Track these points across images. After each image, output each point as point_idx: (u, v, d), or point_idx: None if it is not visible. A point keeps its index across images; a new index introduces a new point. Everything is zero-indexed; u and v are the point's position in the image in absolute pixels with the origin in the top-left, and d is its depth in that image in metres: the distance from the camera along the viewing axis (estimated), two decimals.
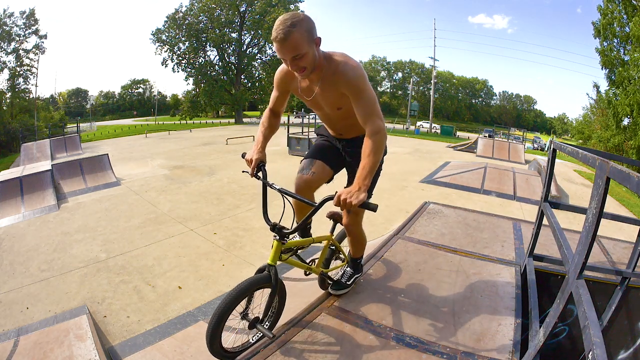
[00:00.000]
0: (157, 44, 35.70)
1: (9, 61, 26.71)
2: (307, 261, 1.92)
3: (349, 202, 1.36)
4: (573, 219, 5.12)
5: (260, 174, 1.77)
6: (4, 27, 25.74)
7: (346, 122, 1.76)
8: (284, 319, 1.80)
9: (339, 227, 2.14)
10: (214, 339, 1.45)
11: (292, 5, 37.72)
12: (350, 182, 1.88)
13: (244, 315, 1.58)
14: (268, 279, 1.53)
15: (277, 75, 1.71)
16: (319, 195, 1.85)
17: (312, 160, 1.93)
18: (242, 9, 36.74)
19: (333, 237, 2.06)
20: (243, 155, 1.80)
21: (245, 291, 1.50)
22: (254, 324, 1.56)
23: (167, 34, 35.80)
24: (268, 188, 1.75)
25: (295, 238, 1.85)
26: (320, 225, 2.18)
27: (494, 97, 60.07)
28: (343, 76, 1.49)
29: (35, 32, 27.58)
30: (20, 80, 27.50)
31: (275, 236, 1.60)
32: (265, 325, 1.61)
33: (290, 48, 1.35)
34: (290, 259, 1.74)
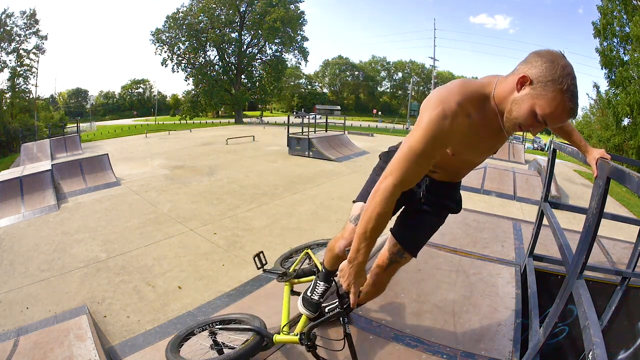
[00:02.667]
0: (157, 44, 35.75)
1: (9, 61, 26.73)
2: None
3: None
4: (573, 219, 5.11)
5: None
6: (5, 27, 25.71)
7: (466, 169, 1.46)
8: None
9: None
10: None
11: (292, 5, 37.74)
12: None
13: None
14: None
15: (445, 131, 1.06)
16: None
17: None
18: (242, 9, 36.76)
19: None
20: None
21: None
22: None
23: (167, 34, 35.83)
24: None
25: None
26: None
27: None
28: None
29: (36, 33, 27.59)
30: (21, 80, 27.50)
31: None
32: None
33: None
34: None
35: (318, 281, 1.72)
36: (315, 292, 1.69)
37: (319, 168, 11.57)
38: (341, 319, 1.40)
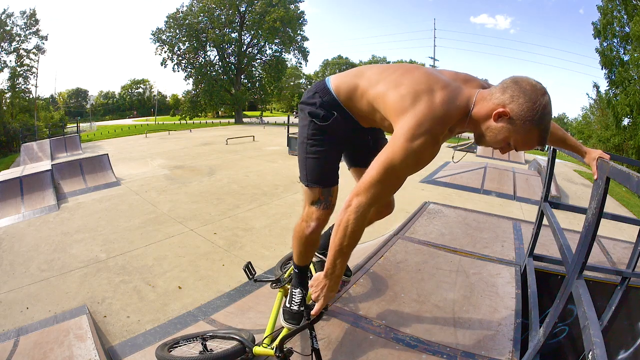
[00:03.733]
0: (157, 44, 35.73)
1: (9, 61, 26.74)
2: None
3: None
4: (573, 218, 5.11)
5: None
6: (5, 27, 25.72)
7: None
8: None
9: None
10: None
11: (292, 5, 37.73)
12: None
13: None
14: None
15: (430, 149, 1.08)
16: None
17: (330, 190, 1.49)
18: (242, 9, 36.75)
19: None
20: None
21: None
22: None
23: (167, 34, 35.82)
24: None
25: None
26: None
27: None
28: None
29: (36, 33, 27.59)
30: (21, 80, 27.50)
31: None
32: None
33: None
34: None
35: (293, 289, 1.64)
36: (293, 302, 1.62)
37: None
38: (309, 331, 1.34)
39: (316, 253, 1.81)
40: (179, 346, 1.70)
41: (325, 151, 1.40)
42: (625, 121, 18.43)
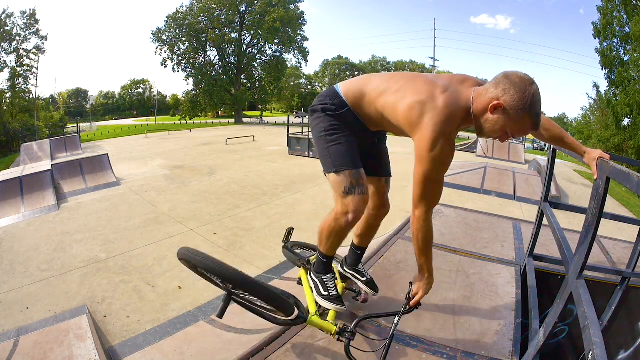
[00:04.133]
0: (157, 44, 35.75)
1: (9, 61, 26.74)
2: None
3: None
4: (573, 218, 5.11)
5: None
6: (5, 27, 25.72)
7: None
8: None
9: None
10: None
11: (292, 5, 37.74)
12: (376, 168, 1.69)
13: None
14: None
15: (449, 151, 1.26)
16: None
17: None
18: (242, 9, 36.76)
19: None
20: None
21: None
22: None
23: (167, 34, 35.83)
24: None
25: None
26: None
27: None
28: None
29: (36, 33, 27.59)
30: (21, 80, 27.50)
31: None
32: None
33: None
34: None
35: (322, 276, 1.69)
36: (329, 288, 1.68)
37: (319, 168, 11.51)
38: (395, 318, 1.48)
39: (347, 269, 1.89)
40: None
41: (345, 136, 1.50)
42: (625, 121, 18.43)
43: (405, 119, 1.29)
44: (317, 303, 1.65)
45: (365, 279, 1.85)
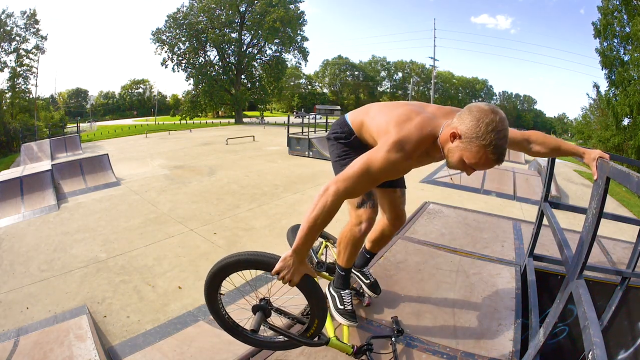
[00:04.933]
0: (157, 44, 35.75)
1: (9, 61, 26.74)
2: None
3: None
4: (573, 219, 5.11)
5: None
6: (5, 27, 25.72)
7: None
8: (283, 318, 1.79)
9: None
10: None
11: (292, 5, 37.74)
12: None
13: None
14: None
15: (397, 169, 1.28)
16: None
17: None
18: (242, 9, 36.77)
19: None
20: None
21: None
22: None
23: (167, 34, 35.84)
24: None
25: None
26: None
27: (494, 97, 60.18)
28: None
29: (36, 33, 27.60)
30: (21, 80, 27.50)
31: None
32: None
33: None
34: None
35: (341, 291, 1.77)
36: (345, 302, 1.75)
37: (319, 168, 11.57)
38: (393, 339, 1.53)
39: (353, 270, 1.94)
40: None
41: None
42: (625, 121, 18.41)
43: (378, 131, 1.40)
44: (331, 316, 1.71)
45: (369, 281, 1.92)
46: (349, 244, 1.67)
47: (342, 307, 1.74)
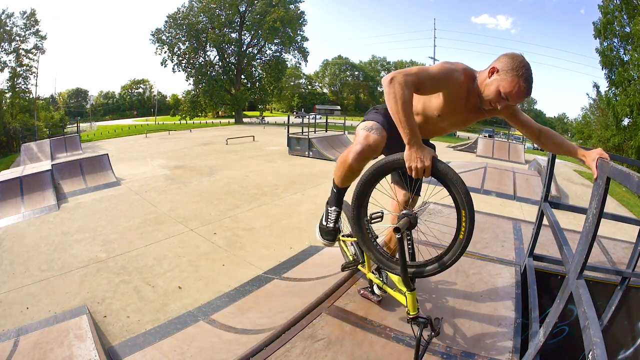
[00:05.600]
0: (157, 44, 35.73)
1: (9, 61, 26.72)
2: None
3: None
4: (573, 218, 5.11)
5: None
6: (5, 27, 25.71)
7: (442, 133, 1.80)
8: (283, 318, 1.79)
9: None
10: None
11: (292, 6, 37.73)
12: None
13: None
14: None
15: (452, 77, 1.48)
16: None
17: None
18: (242, 9, 36.75)
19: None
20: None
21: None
22: None
23: (167, 34, 35.83)
24: None
25: None
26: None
27: None
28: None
29: (36, 33, 27.58)
30: (20, 80, 27.49)
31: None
32: None
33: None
34: None
35: (329, 207, 1.85)
36: (329, 220, 1.84)
37: (319, 168, 11.57)
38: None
39: (373, 270, 1.93)
40: None
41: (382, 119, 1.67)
42: (625, 121, 18.41)
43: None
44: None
45: (381, 280, 1.91)
46: (341, 165, 1.67)
47: (324, 224, 1.86)
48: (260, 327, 2.12)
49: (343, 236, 2.04)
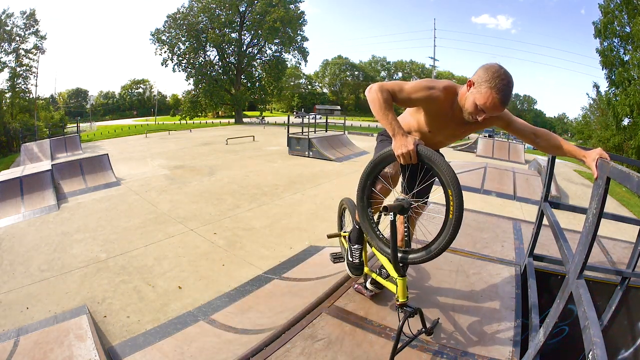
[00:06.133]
0: (157, 44, 35.72)
1: (9, 61, 26.71)
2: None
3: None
4: (573, 218, 5.11)
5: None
6: (4, 27, 25.71)
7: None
8: (283, 318, 1.79)
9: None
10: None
11: (292, 6, 37.72)
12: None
13: None
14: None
15: (428, 94, 1.56)
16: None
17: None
18: (242, 9, 36.74)
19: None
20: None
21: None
22: None
23: (167, 34, 35.82)
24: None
25: None
26: None
27: None
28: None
29: (36, 33, 27.57)
30: (20, 80, 27.48)
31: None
32: None
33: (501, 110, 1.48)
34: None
35: (352, 245, 2.00)
36: (354, 256, 2.00)
37: (319, 168, 11.57)
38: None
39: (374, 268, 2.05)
40: None
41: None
42: (625, 121, 18.41)
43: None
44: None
45: (376, 273, 1.97)
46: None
47: (350, 260, 2.01)
48: (260, 327, 2.12)
49: (344, 232, 2.22)
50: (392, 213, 1.52)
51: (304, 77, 60.42)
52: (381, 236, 1.71)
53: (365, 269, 2.00)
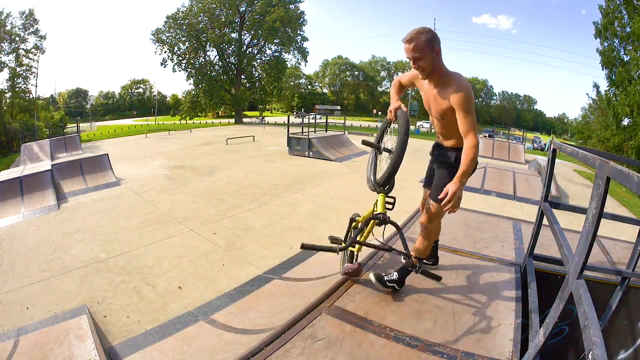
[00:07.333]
0: (157, 44, 35.67)
1: (9, 61, 26.70)
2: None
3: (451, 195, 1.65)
4: (573, 218, 5.11)
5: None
6: (4, 28, 25.70)
7: (445, 131, 2.06)
8: (283, 318, 1.79)
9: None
10: None
11: (292, 6, 37.70)
12: (428, 184, 2.24)
13: None
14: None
15: (413, 74, 2.07)
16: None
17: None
18: (242, 9, 36.71)
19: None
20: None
21: None
22: None
23: (167, 34, 35.78)
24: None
25: None
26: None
27: (494, 97, 60.18)
28: (454, 92, 1.81)
29: (35, 33, 27.56)
30: (20, 80, 27.46)
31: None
32: None
33: (411, 49, 1.81)
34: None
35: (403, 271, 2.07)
36: (392, 280, 2.06)
37: (319, 168, 11.57)
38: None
39: (425, 260, 2.33)
40: None
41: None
42: (625, 121, 18.40)
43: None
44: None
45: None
46: (427, 241, 2.18)
47: (386, 279, 2.07)
48: (260, 327, 2.12)
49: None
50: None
51: (304, 77, 60.42)
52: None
53: (357, 248, 2.17)
